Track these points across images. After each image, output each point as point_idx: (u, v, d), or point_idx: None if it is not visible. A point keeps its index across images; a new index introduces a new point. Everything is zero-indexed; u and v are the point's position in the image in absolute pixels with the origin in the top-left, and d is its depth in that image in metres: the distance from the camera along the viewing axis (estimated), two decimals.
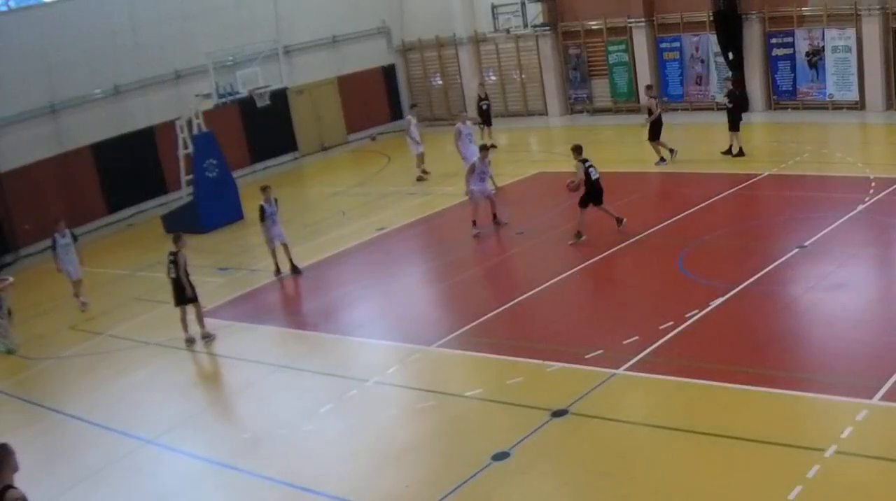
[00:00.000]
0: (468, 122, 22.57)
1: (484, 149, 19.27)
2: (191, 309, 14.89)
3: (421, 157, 24.42)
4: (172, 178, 24.97)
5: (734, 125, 21.17)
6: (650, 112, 21.80)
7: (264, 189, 17.75)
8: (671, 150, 21.77)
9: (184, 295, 14.69)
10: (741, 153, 21.09)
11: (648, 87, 23.28)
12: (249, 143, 28.87)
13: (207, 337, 14.84)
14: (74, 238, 18.08)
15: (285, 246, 17.76)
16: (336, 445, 10.73)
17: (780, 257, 14.14)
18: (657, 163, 21.84)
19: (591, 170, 16.55)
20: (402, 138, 25.92)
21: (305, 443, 10.87)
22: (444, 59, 32.89)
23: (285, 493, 9.79)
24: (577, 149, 16.88)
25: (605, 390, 10.80)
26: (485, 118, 27.00)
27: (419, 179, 24.11)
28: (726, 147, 21.34)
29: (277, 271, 17.59)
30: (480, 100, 27.35)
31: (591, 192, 16.56)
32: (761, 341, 11.46)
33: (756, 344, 11.41)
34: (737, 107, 21.38)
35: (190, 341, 14.81)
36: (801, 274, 13.53)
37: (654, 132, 21.80)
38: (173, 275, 14.69)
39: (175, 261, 14.63)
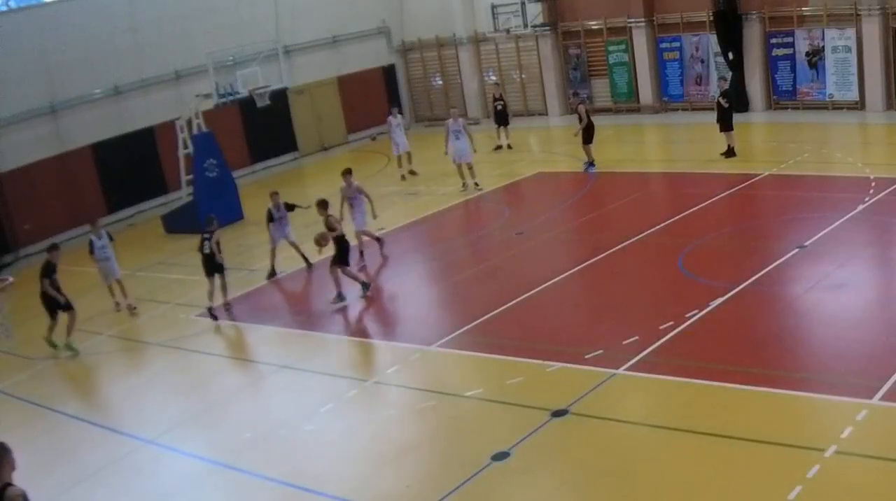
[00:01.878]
0: (460, 120, 22.44)
1: (346, 173, 17.75)
2: (218, 279, 15.89)
3: (402, 158, 24.85)
4: (172, 178, 24.98)
5: (729, 125, 21.12)
6: (580, 118, 21.97)
7: (273, 195, 17.86)
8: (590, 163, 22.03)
9: (213, 264, 15.74)
10: (733, 153, 21.04)
11: (575, 94, 23.86)
12: (249, 143, 28.88)
13: (228, 307, 15.97)
14: (110, 237, 17.26)
15: (295, 245, 17.79)
16: (336, 445, 10.73)
17: (780, 257, 14.14)
18: (586, 168, 21.96)
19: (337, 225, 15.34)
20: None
21: (306, 443, 10.87)
22: (444, 59, 32.87)
23: (285, 493, 9.78)
24: (322, 204, 15.57)
25: (605, 390, 10.79)
26: (500, 118, 26.88)
27: (403, 178, 24.49)
28: (725, 148, 21.25)
29: (272, 274, 17.51)
30: (495, 100, 27.23)
31: (343, 251, 15.30)
32: (761, 341, 11.45)
33: (756, 344, 11.40)
34: (732, 106, 21.37)
35: (211, 312, 15.65)
36: (801, 274, 13.51)
37: (588, 136, 21.99)
38: (207, 251, 15.67)
39: (210, 239, 15.66)
